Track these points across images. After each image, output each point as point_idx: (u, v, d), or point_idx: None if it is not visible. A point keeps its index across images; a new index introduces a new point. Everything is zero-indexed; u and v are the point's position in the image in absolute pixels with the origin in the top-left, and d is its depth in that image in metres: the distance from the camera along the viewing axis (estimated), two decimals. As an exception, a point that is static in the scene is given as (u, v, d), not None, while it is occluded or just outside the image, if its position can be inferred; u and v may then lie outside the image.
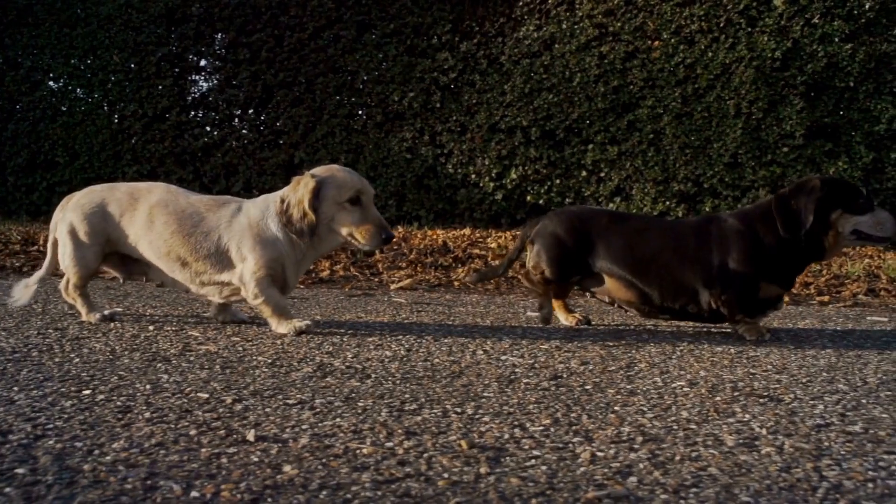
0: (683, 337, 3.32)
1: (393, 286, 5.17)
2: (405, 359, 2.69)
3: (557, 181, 7.41)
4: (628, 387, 2.33)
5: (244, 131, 8.19)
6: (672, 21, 7.16)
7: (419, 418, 1.95)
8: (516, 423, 1.92)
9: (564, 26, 7.35)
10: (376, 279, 5.37)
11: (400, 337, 3.15)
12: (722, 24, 7.09)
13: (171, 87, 8.07)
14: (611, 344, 3.08)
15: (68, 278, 3.30)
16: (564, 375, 2.47)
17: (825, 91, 7.00)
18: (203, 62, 8.18)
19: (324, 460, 1.62)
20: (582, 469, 1.59)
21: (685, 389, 2.31)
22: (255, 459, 1.62)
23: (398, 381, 2.34)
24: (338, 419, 1.93)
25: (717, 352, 2.95)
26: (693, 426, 1.91)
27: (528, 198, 7.49)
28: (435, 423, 1.90)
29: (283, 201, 3.03)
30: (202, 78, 8.25)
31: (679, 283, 3.26)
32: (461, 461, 1.63)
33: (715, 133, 7.09)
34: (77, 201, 3.29)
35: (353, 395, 2.17)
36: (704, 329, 3.59)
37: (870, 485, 1.52)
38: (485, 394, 2.21)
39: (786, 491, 1.49)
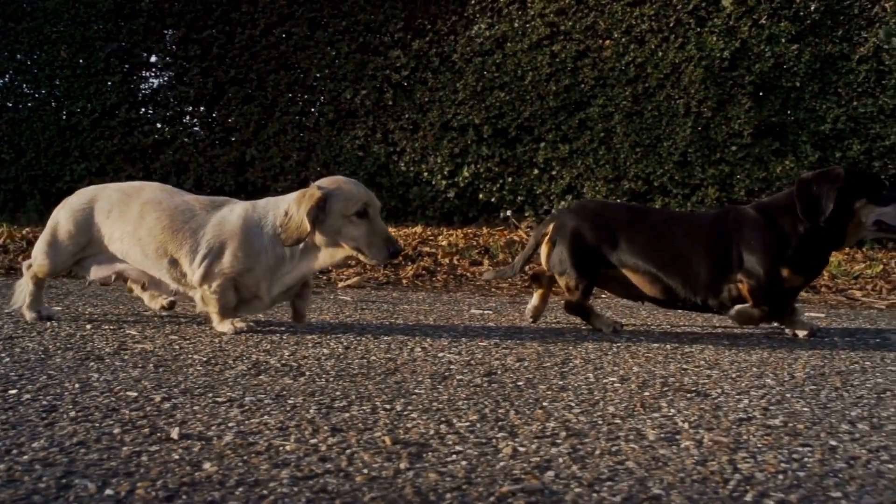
0: (623, 334, 3.35)
1: (341, 284, 5.16)
2: (342, 356, 2.69)
3: (510, 179, 7.44)
4: (560, 383, 2.34)
5: (195, 128, 8.11)
6: (623, 21, 7.21)
7: (347, 415, 1.95)
8: (443, 419, 1.93)
9: (516, 25, 7.37)
10: (324, 277, 5.35)
11: (340, 335, 3.14)
12: (672, 24, 7.16)
13: (121, 84, 7.97)
14: (550, 340, 3.10)
15: (32, 265, 3.25)
16: (499, 372, 2.48)
17: (772, 91, 7.10)
18: (153, 58, 8.09)
19: (245, 457, 1.62)
20: (502, 464, 1.60)
21: (616, 385, 2.33)
22: (176, 457, 1.61)
23: (331, 379, 2.34)
24: (265, 417, 1.92)
25: (653, 348, 2.98)
26: (618, 421, 1.94)
27: (481, 196, 7.51)
28: (362, 420, 1.90)
29: (286, 214, 2.95)
30: (152, 74, 8.16)
31: (703, 276, 3.24)
32: (382, 457, 1.64)
33: (665, 132, 7.16)
34: (69, 199, 3.26)
35: (284, 392, 2.17)
36: (645, 326, 3.63)
37: (780, 476, 1.55)
38: (416, 390, 2.22)
39: (698, 483, 1.51)
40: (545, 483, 1.50)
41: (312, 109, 7.85)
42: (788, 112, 7.11)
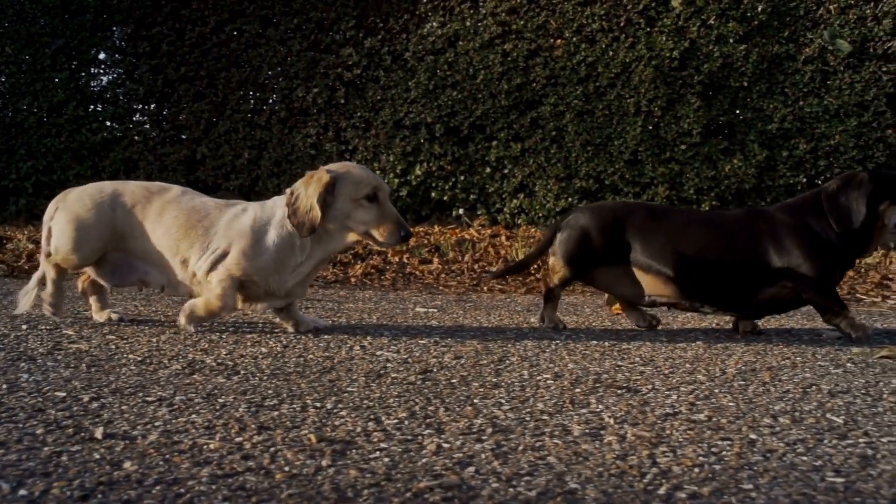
0: (561, 331, 3.37)
1: (289, 283, 5.13)
2: (279, 355, 2.68)
3: (462, 178, 7.46)
4: (494, 380, 2.36)
5: (145, 126, 8.02)
6: (574, 20, 7.26)
7: (276, 413, 1.94)
8: (372, 416, 1.93)
9: (468, 24, 7.39)
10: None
11: (280, 333, 3.13)
12: (622, 24, 7.23)
13: (68, 81, 7.85)
14: (490, 339, 3.12)
15: (54, 256, 3.14)
16: (435, 370, 2.49)
17: (721, 91, 7.19)
18: (102, 55, 7.98)
19: (167, 456, 1.60)
20: (424, 460, 1.61)
21: (548, 382, 2.35)
22: (97, 457, 1.59)
23: (265, 378, 2.33)
24: (193, 415, 1.91)
25: (591, 345, 3.01)
26: (545, 417, 1.95)
27: (433, 194, 7.52)
28: (291, 418, 1.90)
29: (292, 193, 2.92)
30: (101, 71, 8.05)
31: (729, 278, 3.22)
32: (306, 454, 1.63)
33: (615, 131, 7.22)
34: (82, 192, 3.16)
35: (216, 391, 2.15)
36: (587, 323, 3.66)
37: (696, 469, 1.58)
38: (349, 388, 2.22)
39: (615, 477, 1.53)
40: (464, 478, 1.51)
41: (264, 107, 7.80)
42: (737, 111, 7.21)
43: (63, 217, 3.12)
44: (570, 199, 7.25)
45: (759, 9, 7.08)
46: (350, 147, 7.62)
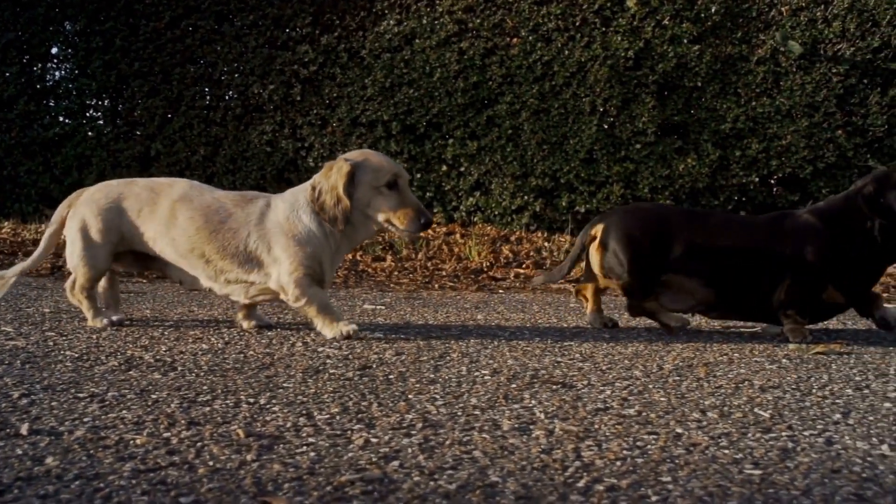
0: (506, 328, 3.39)
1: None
2: (220, 352, 2.67)
3: (418, 175, 7.46)
4: (431, 376, 2.37)
5: (99, 122, 7.93)
6: (530, 19, 7.29)
7: (208, 409, 1.93)
8: (304, 412, 1.93)
9: (425, 21, 7.39)
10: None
11: (224, 330, 3.12)
12: (578, 24, 7.27)
13: (19, 75, 7.74)
14: (434, 335, 3.13)
15: (75, 278, 3.07)
16: (374, 366, 2.49)
17: (675, 90, 7.26)
18: (54, 49, 7.88)
19: (92, 451, 1.59)
20: (350, 455, 1.61)
21: (486, 378, 2.36)
22: (20, 452, 1.58)
23: (202, 374, 2.32)
24: (124, 411, 1.90)
25: (534, 342, 3.03)
26: (477, 412, 1.96)
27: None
28: (222, 414, 1.89)
29: (314, 188, 2.88)
30: (53, 66, 7.94)
31: (756, 283, 3.20)
32: (232, 449, 1.63)
33: (571, 129, 7.26)
34: (91, 196, 3.08)
35: (150, 387, 2.14)
36: (532, 320, 3.68)
37: (618, 463, 1.59)
38: (285, 384, 2.21)
39: (537, 470, 1.54)
40: (387, 472, 1.51)
41: (220, 104, 7.75)
42: (691, 111, 7.28)
43: (73, 227, 3.06)
44: (525, 198, 7.29)
45: (713, 10, 7.16)
46: (306, 144, 7.60)
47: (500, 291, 5.05)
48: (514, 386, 2.26)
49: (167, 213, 2.98)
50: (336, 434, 1.75)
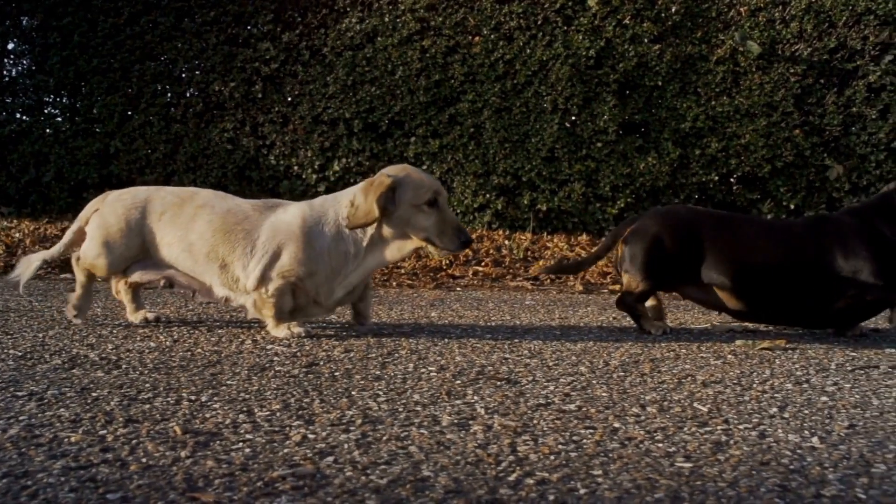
0: (459, 325, 3.40)
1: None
2: (167, 349, 2.65)
3: (380, 173, 7.44)
4: (377, 372, 2.37)
5: (57, 119, 7.84)
6: (492, 17, 7.31)
7: (147, 406, 1.92)
8: (245, 409, 1.92)
9: (387, 19, 7.38)
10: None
11: (174, 328, 3.10)
12: (539, 22, 7.29)
13: (-24, 71, 7.65)
14: (385, 332, 3.13)
15: (83, 261, 3.04)
16: (321, 363, 2.49)
17: (636, 90, 7.31)
18: (10, 45, 7.78)
19: (23, 449, 1.58)
20: (286, 450, 1.61)
21: (431, 374, 2.36)
22: (-50, 452, 1.56)
23: (147, 372, 2.30)
24: (62, 409, 1.88)
25: (484, 338, 3.04)
26: (419, 408, 1.97)
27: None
28: (162, 411, 1.88)
29: (353, 204, 2.82)
30: (10, 62, 7.84)
31: (798, 289, 3.17)
32: (167, 446, 1.62)
33: (533, 128, 7.29)
34: (118, 196, 3.05)
35: (91, 385, 2.12)
36: (485, 317, 3.69)
37: (552, 457, 1.61)
38: (229, 381, 2.21)
39: (471, 465, 1.55)
40: (320, 468, 1.51)
41: (180, 101, 7.69)
42: (651, 110, 7.33)
43: (95, 222, 3.04)
44: (487, 196, 7.31)
45: (673, 10, 7.22)
46: (268, 142, 7.56)
47: (458, 289, 5.05)
48: (458, 382, 2.26)
49: (189, 218, 2.95)
50: (274, 430, 1.75)
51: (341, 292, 2.93)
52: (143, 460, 1.54)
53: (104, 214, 3.02)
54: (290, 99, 7.52)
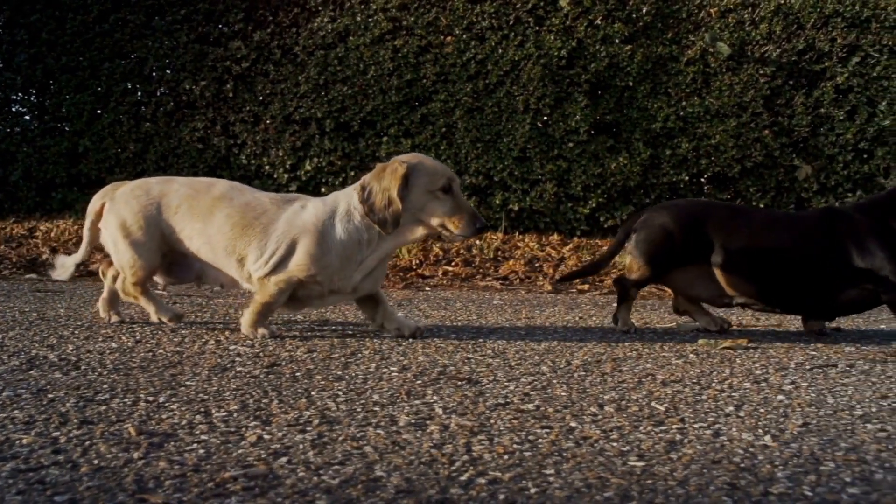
0: (424, 326, 3.39)
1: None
2: (128, 350, 2.63)
3: (352, 173, 7.43)
4: (339, 373, 2.36)
5: (24, 117, 7.76)
6: (464, 17, 7.31)
7: (104, 408, 1.91)
8: (202, 409, 1.92)
9: (359, 19, 7.37)
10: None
11: (137, 328, 3.08)
12: (511, 23, 7.31)
13: (-58, 69, 7.55)
14: (349, 332, 3.13)
15: (123, 278, 3.00)
16: (283, 363, 2.48)
17: (607, 90, 7.34)
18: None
19: (-27, 453, 1.57)
20: (240, 451, 1.61)
21: (393, 374, 2.36)
22: None
23: (106, 373, 2.29)
24: (16, 411, 1.87)
25: (449, 338, 3.04)
26: (377, 408, 1.97)
27: (323, 189, 7.47)
28: (118, 412, 1.87)
29: (364, 188, 2.81)
30: (-24, 59, 7.75)
31: (809, 279, 3.18)
32: (120, 447, 1.62)
33: (505, 128, 7.30)
34: (130, 193, 3.00)
35: (48, 386, 2.11)
36: (452, 317, 3.69)
37: (506, 456, 1.61)
38: (188, 382, 2.20)
39: (424, 465, 1.55)
40: (273, 468, 1.51)
41: (150, 100, 7.63)
42: (622, 111, 7.36)
43: (113, 224, 2.98)
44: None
45: (644, 10, 7.26)
46: (239, 141, 7.52)
47: (427, 289, 5.05)
48: (419, 382, 2.26)
49: (206, 211, 2.93)
50: (230, 431, 1.75)
51: (359, 276, 2.92)
52: (95, 462, 1.53)
53: (121, 214, 2.97)
54: (261, 98, 7.49)
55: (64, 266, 3.14)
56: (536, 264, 5.82)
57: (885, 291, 3.11)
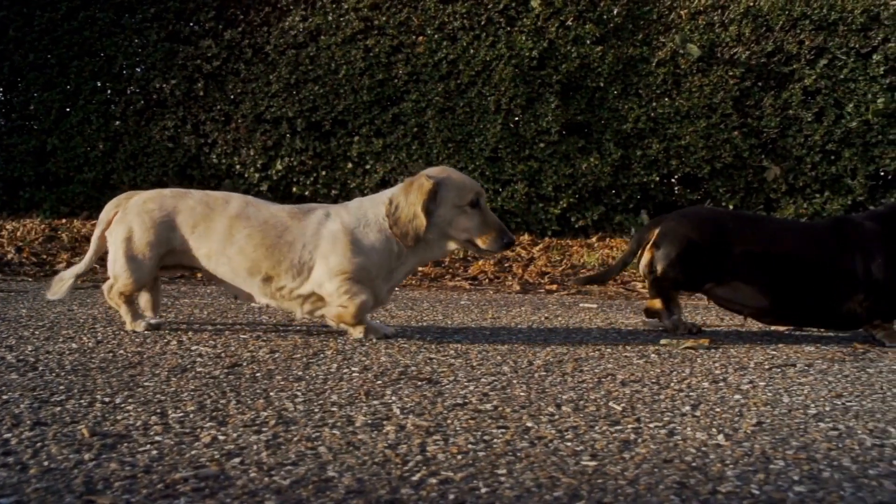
0: (390, 326, 3.39)
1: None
2: (88, 351, 2.62)
3: (323, 172, 7.42)
4: (299, 373, 2.36)
5: (-9, 115, 7.70)
6: (436, 17, 7.31)
7: (58, 409, 1.90)
8: (159, 410, 1.91)
9: (330, 18, 7.35)
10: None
11: (100, 328, 3.06)
12: (483, 23, 7.32)
13: None
14: (314, 332, 3.12)
15: (112, 284, 2.95)
16: (244, 364, 2.48)
17: (578, 91, 7.37)
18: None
19: (-79, 455, 1.55)
20: (193, 452, 1.60)
21: (354, 374, 2.36)
22: None
23: (64, 374, 2.27)
24: (-33, 413, 1.85)
25: (412, 339, 3.04)
26: (335, 409, 1.97)
27: (294, 189, 7.46)
28: (72, 414, 1.86)
29: (391, 202, 2.80)
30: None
31: (819, 289, 3.18)
32: (72, 449, 1.61)
33: (476, 128, 7.31)
34: (143, 205, 2.93)
35: (3, 388, 2.09)
36: (418, 317, 3.69)
37: (460, 456, 1.62)
38: (147, 383, 2.19)
39: (377, 465, 1.55)
40: (224, 469, 1.51)
41: (120, 98, 7.57)
42: (593, 111, 7.39)
43: (119, 234, 2.93)
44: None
45: (615, 12, 7.29)
46: (209, 140, 7.49)
47: (396, 289, 5.05)
48: (379, 383, 2.27)
49: (224, 230, 2.89)
50: (185, 432, 1.74)
51: (386, 287, 2.93)
52: (45, 463, 1.52)
53: (129, 225, 2.92)
54: (232, 97, 7.46)
55: (62, 280, 3.04)
56: (506, 264, 5.83)
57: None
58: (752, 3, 7.29)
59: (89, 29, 7.45)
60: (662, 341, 3.09)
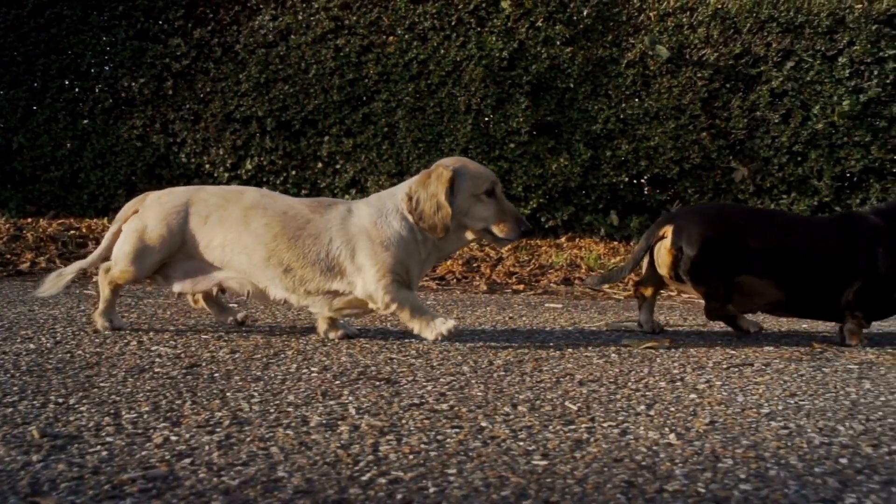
0: (352, 326, 3.39)
1: (95, 278, 4.96)
2: (46, 351, 2.59)
3: (293, 172, 7.41)
4: (258, 374, 2.36)
5: (-43, 113, 7.61)
6: (406, 17, 7.32)
7: (10, 410, 1.88)
8: (112, 411, 1.90)
9: (300, 17, 7.34)
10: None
11: (59, 328, 3.03)
12: (453, 23, 7.33)
13: None
14: (277, 333, 3.11)
15: (110, 267, 2.94)
16: (203, 364, 2.47)
17: (548, 91, 7.40)
18: None
19: None
20: (144, 453, 1.60)
21: (312, 375, 2.36)
22: None
23: (19, 374, 2.25)
24: (-83, 415, 1.83)
25: (375, 339, 3.04)
26: (290, 409, 1.97)
27: (264, 188, 7.42)
28: (24, 415, 1.85)
29: (411, 198, 2.78)
30: None
31: (827, 283, 3.21)
32: (21, 450, 1.60)
33: (446, 128, 7.32)
34: (157, 199, 2.93)
35: (-44, 390, 2.07)
36: (382, 317, 3.69)
37: (411, 456, 1.62)
38: (102, 384, 2.17)
39: (328, 465, 1.56)
40: (174, 469, 1.50)
41: (87, 96, 7.51)
42: (563, 112, 7.42)
43: (133, 225, 2.93)
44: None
45: (585, 13, 7.32)
46: (178, 140, 7.45)
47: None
48: (337, 383, 2.27)
49: (239, 220, 2.87)
50: (137, 433, 1.73)
51: (416, 282, 2.92)
52: (-7, 465, 1.51)
53: (144, 218, 2.92)
54: (201, 96, 7.42)
55: (61, 276, 3.01)
56: (474, 264, 5.84)
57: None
58: (720, 6, 7.35)
59: (56, 26, 7.39)
60: (624, 341, 3.12)
